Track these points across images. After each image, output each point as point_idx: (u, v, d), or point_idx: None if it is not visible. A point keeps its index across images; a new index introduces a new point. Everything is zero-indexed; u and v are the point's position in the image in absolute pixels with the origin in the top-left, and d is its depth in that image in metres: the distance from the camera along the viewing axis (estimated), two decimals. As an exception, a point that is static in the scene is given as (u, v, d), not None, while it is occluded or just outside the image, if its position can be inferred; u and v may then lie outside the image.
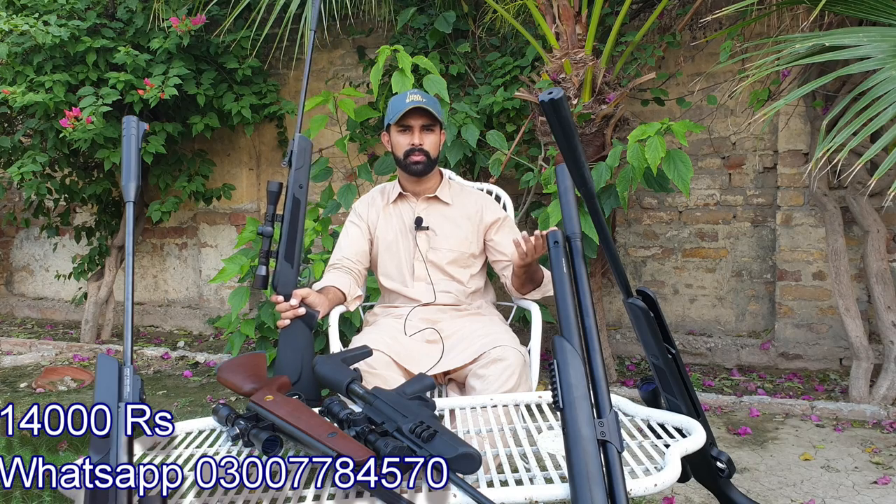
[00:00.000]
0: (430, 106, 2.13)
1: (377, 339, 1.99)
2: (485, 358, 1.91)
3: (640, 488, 1.03)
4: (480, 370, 1.90)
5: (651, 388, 1.41)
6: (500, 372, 1.86)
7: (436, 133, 2.18)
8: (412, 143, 2.15)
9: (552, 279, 1.18)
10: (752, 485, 2.39)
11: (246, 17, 4.01)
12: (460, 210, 2.23)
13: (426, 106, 2.12)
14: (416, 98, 2.14)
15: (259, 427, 1.24)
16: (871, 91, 2.24)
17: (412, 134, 2.15)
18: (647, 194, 3.98)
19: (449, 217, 2.21)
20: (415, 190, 2.24)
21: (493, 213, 2.25)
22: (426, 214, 2.21)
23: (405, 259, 2.20)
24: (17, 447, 2.74)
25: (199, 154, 4.73)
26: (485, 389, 1.84)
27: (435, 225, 2.20)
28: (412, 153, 2.15)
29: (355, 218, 2.29)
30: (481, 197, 2.29)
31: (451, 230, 2.20)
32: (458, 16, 4.00)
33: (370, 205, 2.29)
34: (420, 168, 2.16)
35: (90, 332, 4.71)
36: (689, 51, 3.80)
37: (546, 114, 1.04)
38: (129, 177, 1.26)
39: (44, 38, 3.67)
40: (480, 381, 1.88)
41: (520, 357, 1.91)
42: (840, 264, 3.14)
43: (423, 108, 2.12)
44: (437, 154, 2.20)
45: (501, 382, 1.85)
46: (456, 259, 2.18)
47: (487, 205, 2.26)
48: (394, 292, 2.22)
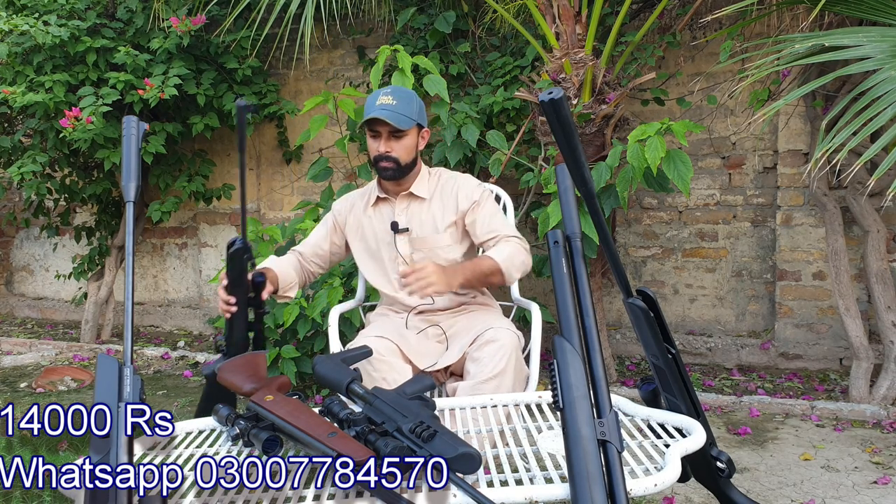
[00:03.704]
0: (397, 111, 2.02)
1: (383, 330, 2.02)
2: (479, 341, 1.93)
3: (640, 488, 1.03)
4: (475, 353, 1.92)
5: (651, 387, 1.41)
6: (494, 353, 1.87)
7: (409, 136, 2.07)
8: (379, 150, 2.07)
9: (552, 279, 1.18)
10: (752, 485, 2.39)
11: (246, 16, 4.01)
12: (438, 202, 2.15)
13: (388, 119, 2.00)
14: (385, 101, 2.04)
15: (259, 427, 1.24)
16: (870, 91, 2.24)
17: (380, 140, 2.07)
18: (647, 194, 3.98)
19: (427, 213, 2.14)
20: (394, 190, 2.16)
21: (468, 196, 2.14)
22: (406, 214, 2.14)
23: (389, 265, 2.15)
24: (16, 447, 2.74)
25: (199, 154, 4.73)
26: (479, 372, 1.86)
27: (414, 224, 2.13)
28: (380, 160, 2.07)
29: (329, 218, 2.25)
30: (458, 181, 2.18)
31: (431, 227, 2.13)
32: (458, 16, 4.00)
33: (350, 209, 2.23)
34: (390, 174, 2.08)
35: (90, 332, 4.71)
36: (689, 51, 3.80)
37: (546, 114, 1.04)
38: (129, 177, 1.26)
39: (44, 38, 3.67)
40: (475, 364, 1.89)
41: (513, 337, 1.91)
42: (840, 264, 3.14)
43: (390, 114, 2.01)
44: (412, 156, 2.10)
45: (495, 364, 1.85)
46: (440, 255, 2.11)
47: (463, 188, 2.16)
48: (389, 296, 2.19)
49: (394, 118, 2.01)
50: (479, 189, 2.17)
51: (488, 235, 2.10)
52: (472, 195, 2.14)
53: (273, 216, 4.88)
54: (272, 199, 4.89)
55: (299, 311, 3.10)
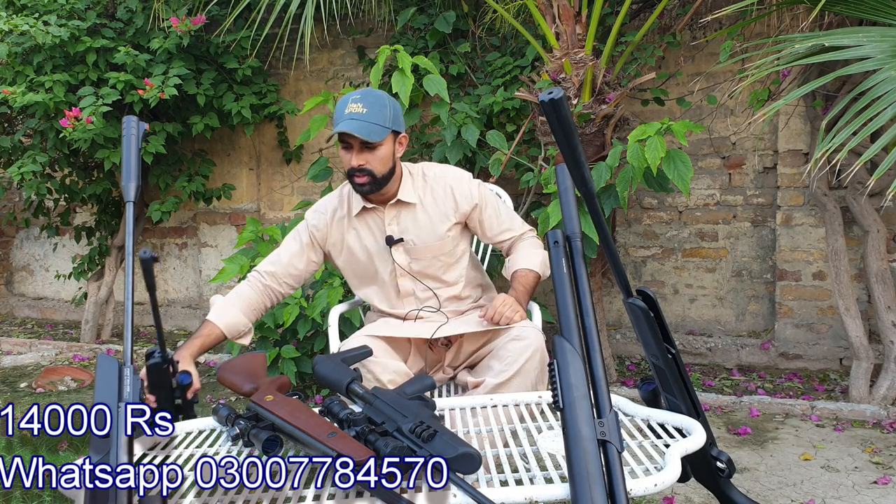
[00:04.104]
0: (369, 121, 1.85)
1: (376, 328, 1.98)
2: (505, 338, 1.90)
3: (640, 488, 1.03)
4: (500, 350, 1.89)
5: (651, 387, 1.41)
6: (521, 351, 1.84)
7: (384, 145, 1.90)
8: (351, 163, 1.90)
9: (552, 279, 1.18)
10: (752, 485, 2.39)
11: (246, 16, 4.01)
12: (432, 205, 2.02)
13: (358, 133, 1.83)
14: (355, 109, 1.85)
15: (259, 427, 1.24)
16: (870, 91, 2.24)
17: (352, 152, 1.89)
18: (647, 194, 3.98)
19: (421, 218, 2.01)
20: (379, 199, 2.00)
21: (467, 197, 2.03)
22: (397, 223, 2.01)
23: (386, 277, 2.05)
24: (16, 447, 2.74)
25: (199, 154, 4.73)
26: (503, 371, 1.83)
27: (410, 232, 2.01)
28: (353, 174, 1.91)
29: (304, 232, 2.06)
30: (448, 178, 2.05)
31: (430, 233, 2.01)
32: (458, 16, 4.00)
33: (329, 223, 2.05)
34: (366, 189, 1.93)
35: (90, 332, 4.71)
36: (689, 51, 3.80)
37: (546, 114, 1.04)
38: (129, 177, 1.26)
39: (44, 38, 3.67)
40: (499, 362, 1.86)
41: (538, 336, 1.88)
42: (840, 264, 3.14)
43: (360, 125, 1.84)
44: (389, 166, 1.93)
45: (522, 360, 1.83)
46: (441, 261, 2.04)
47: (457, 187, 2.04)
48: (383, 310, 2.10)
49: (365, 130, 1.84)
50: (475, 186, 2.07)
51: (500, 237, 2.10)
52: (472, 196, 2.04)
53: (273, 216, 4.88)
54: (272, 199, 4.89)
55: (299, 311, 3.10)
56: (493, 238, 2.10)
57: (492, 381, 1.84)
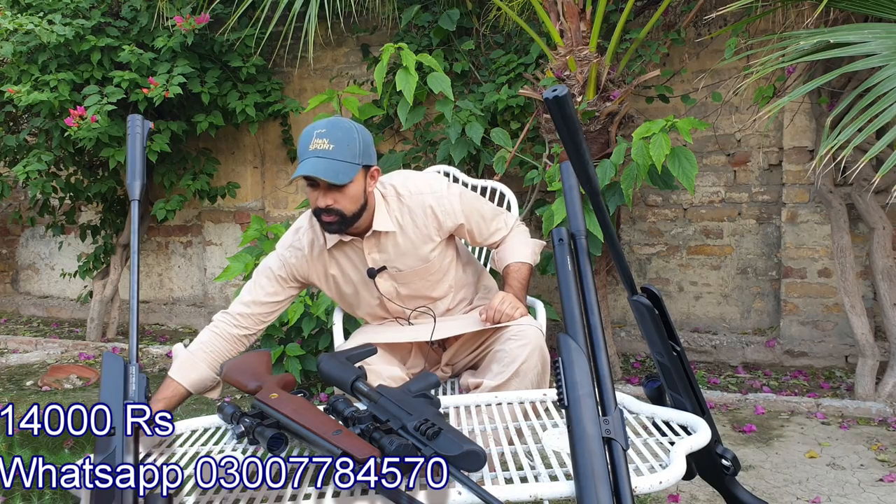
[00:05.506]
0: (335, 159, 1.69)
1: (370, 335, 1.95)
2: (504, 336, 1.88)
3: (645, 486, 1.03)
4: (498, 347, 1.87)
5: (656, 385, 1.41)
6: (519, 349, 1.82)
7: (354, 183, 1.74)
8: (317, 204, 1.75)
9: (557, 276, 1.18)
10: (757, 482, 2.39)
11: (250, 15, 4.01)
12: (412, 229, 1.90)
13: (323, 177, 1.68)
14: (319, 146, 1.70)
15: (264, 425, 1.24)
16: (876, 87, 2.23)
17: (319, 191, 1.74)
18: (651, 191, 3.97)
19: (402, 243, 1.90)
20: (353, 231, 1.86)
21: (451, 216, 1.93)
22: (378, 252, 1.90)
23: (373, 301, 1.98)
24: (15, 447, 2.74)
25: (203, 152, 4.74)
26: (500, 373, 1.82)
27: (393, 260, 1.91)
28: (321, 213, 1.77)
29: (279, 268, 1.91)
30: (425, 196, 1.91)
31: (414, 258, 1.91)
32: (462, 13, 3.99)
33: (307, 259, 1.92)
34: (334, 228, 1.79)
35: (95, 331, 4.72)
36: (694, 48, 3.79)
37: (550, 111, 1.03)
38: (133, 175, 1.26)
39: (48, 36, 3.68)
40: (498, 363, 1.84)
41: (537, 333, 1.86)
42: (846, 261, 3.13)
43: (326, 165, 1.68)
44: (360, 203, 1.78)
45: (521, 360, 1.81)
46: (429, 280, 1.97)
47: (436, 205, 1.91)
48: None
49: (331, 172, 1.69)
50: (455, 198, 1.94)
51: (491, 239, 2.08)
52: (455, 213, 1.93)
53: (277, 214, 4.88)
54: (276, 198, 4.89)
55: (304, 309, 3.11)
56: (483, 242, 2.08)
57: (489, 383, 1.83)
